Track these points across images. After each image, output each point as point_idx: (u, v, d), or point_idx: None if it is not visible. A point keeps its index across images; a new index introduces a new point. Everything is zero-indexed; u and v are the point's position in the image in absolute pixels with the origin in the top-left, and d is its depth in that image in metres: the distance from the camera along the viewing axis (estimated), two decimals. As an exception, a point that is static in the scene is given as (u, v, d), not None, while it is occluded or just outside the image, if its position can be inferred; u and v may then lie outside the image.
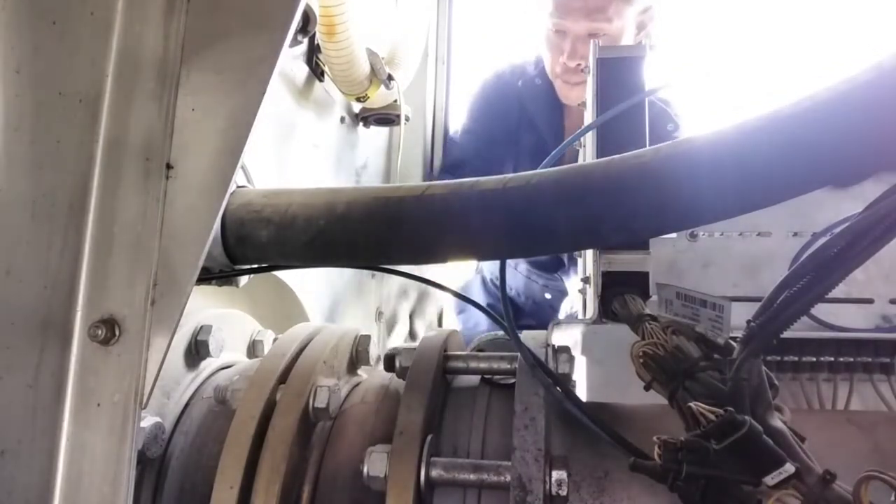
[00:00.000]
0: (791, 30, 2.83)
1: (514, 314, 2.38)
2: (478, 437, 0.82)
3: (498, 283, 2.35)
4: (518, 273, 2.38)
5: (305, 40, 1.43)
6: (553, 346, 0.88)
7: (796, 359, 1.03)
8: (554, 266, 2.32)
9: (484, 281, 2.45)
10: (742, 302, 0.75)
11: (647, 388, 0.70)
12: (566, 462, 0.74)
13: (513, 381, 0.82)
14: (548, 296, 2.33)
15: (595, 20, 1.92)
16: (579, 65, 1.98)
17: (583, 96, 2.11)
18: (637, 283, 0.89)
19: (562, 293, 2.31)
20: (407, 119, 1.85)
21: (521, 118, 2.23)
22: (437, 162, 2.33)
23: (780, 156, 0.57)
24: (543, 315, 2.30)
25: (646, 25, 2.04)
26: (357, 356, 0.98)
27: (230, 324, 1.03)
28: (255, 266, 0.89)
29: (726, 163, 0.60)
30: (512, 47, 2.35)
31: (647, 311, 0.80)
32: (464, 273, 2.39)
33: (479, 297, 2.44)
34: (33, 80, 0.68)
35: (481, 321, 2.35)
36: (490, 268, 2.39)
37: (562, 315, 2.32)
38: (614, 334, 0.91)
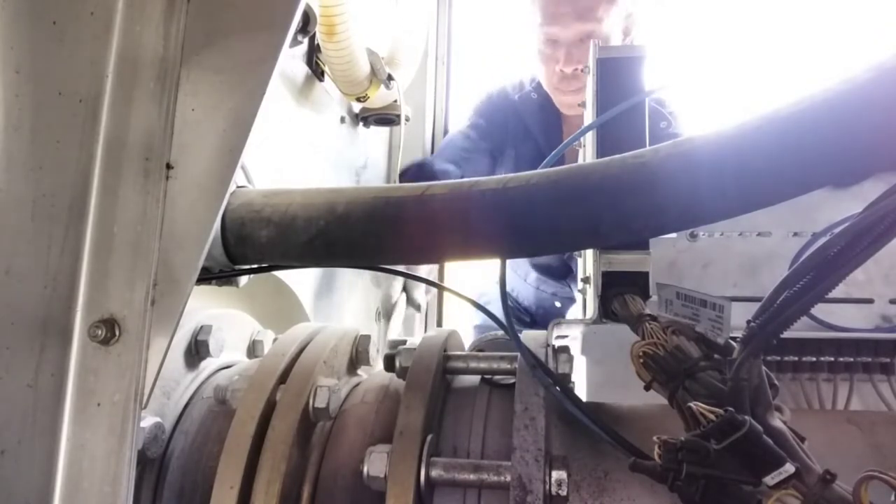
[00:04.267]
0: (791, 29, 2.83)
1: (528, 324, 2.38)
2: (478, 437, 0.82)
3: (515, 295, 2.37)
4: (528, 285, 2.38)
5: (305, 40, 1.43)
6: (553, 346, 0.88)
7: (796, 359, 1.03)
8: (563, 274, 2.31)
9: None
10: (742, 302, 0.75)
11: (647, 388, 0.70)
12: (566, 462, 0.74)
13: (513, 381, 0.82)
14: (558, 304, 2.34)
15: (586, 22, 1.88)
16: (576, 69, 1.94)
17: (582, 99, 2.12)
18: (637, 283, 0.88)
19: (571, 300, 2.32)
20: (407, 119, 1.85)
21: (518, 128, 2.21)
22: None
23: (779, 156, 0.57)
24: None
25: (630, 31, 2.02)
26: (357, 356, 0.98)
27: (230, 324, 1.03)
28: (255, 266, 0.89)
29: (726, 163, 0.60)
30: (511, 47, 2.34)
31: (647, 311, 0.80)
32: (484, 284, 2.40)
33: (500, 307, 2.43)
34: (33, 80, 0.68)
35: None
36: (511, 283, 2.38)
37: None
38: (614, 334, 0.90)
